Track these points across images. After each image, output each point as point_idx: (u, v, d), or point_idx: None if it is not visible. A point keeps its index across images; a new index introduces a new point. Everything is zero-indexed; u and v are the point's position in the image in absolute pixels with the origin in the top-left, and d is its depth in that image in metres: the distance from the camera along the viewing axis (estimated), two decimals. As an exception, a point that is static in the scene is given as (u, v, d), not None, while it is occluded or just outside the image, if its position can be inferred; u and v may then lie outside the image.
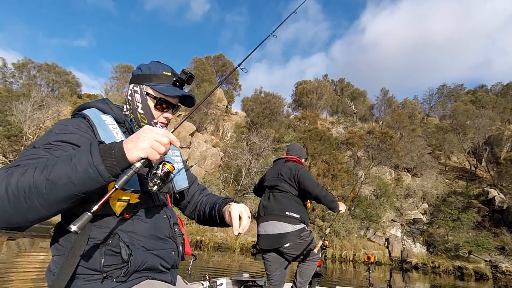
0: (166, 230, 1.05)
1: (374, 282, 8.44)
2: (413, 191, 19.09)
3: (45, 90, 23.64)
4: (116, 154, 0.74)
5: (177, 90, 1.10)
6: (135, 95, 1.10)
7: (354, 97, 33.58)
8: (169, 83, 1.09)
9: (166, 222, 1.07)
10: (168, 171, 0.87)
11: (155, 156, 0.78)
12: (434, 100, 33.52)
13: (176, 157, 1.25)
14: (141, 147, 0.76)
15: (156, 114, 1.10)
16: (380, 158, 18.63)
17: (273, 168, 3.03)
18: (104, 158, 0.73)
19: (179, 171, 1.22)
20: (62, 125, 0.93)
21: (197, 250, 12.58)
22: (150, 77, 1.09)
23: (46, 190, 0.70)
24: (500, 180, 18.55)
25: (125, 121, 1.09)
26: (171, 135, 0.82)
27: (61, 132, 0.90)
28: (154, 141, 0.78)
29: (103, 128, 0.98)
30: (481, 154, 22.42)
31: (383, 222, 16.30)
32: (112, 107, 1.09)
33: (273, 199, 2.80)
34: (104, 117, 1.03)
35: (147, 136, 0.78)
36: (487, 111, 24.83)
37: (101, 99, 1.13)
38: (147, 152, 0.76)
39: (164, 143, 0.79)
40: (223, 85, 31.47)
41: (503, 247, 14.00)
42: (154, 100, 1.08)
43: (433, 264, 13.96)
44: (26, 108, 17.96)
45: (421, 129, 24.54)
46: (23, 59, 24.33)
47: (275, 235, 2.65)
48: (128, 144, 0.77)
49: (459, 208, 15.08)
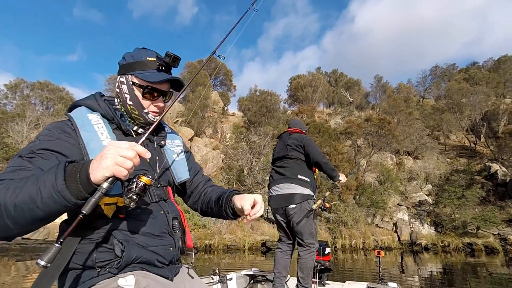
0: (163, 227, 1.01)
1: (386, 270, 8.46)
2: (415, 174, 19.17)
3: (40, 108, 23.56)
4: (81, 177, 0.72)
5: (162, 75, 1.03)
6: (122, 86, 1.05)
7: (349, 86, 33.61)
8: (153, 69, 1.03)
9: (163, 218, 1.03)
10: (144, 184, 0.81)
11: (121, 172, 0.73)
12: (428, 82, 33.65)
13: (177, 147, 1.21)
14: (104, 165, 0.72)
15: (146, 103, 1.05)
16: (380, 144, 18.68)
17: (280, 142, 3.25)
18: (69, 182, 0.71)
19: (178, 162, 1.18)
20: (47, 130, 0.95)
21: (206, 254, 12.60)
22: (134, 65, 1.03)
23: (14, 213, 0.71)
24: (501, 153, 18.64)
25: (113, 117, 1.04)
26: (138, 147, 0.77)
27: (44, 139, 0.90)
28: (118, 157, 0.73)
29: (86, 130, 0.96)
30: (479, 130, 22.52)
31: (389, 207, 16.37)
32: (101, 104, 1.05)
33: (285, 165, 3.01)
34: (91, 116, 1.01)
35: (110, 153, 0.73)
36: (481, 87, 24.93)
37: (91, 95, 1.09)
38: (111, 170, 0.72)
39: (129, 157, 0.74)
40: (217, 87, 31.45)
41: (510, 219, 14.10)
42: (141, 89, 1.03)
43: (442, 244, 14.04)
44: (22, 129, 17.91)
45: (417, 112, 24.62)
46: (15, 79, 24.21)
47: (285, 194, 2.87)
48: (94, 164, 0.73)
49: (463, 186, 15.17)
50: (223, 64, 31.54)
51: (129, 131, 1.07)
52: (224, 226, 15.05)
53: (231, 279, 3.21)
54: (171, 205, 1.09)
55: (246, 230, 15.12)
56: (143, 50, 1.05)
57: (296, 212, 2.80)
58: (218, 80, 31.70)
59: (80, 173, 0.72)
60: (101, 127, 0.99)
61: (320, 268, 3.25)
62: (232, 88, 32.89)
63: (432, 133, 23.90)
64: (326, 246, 3.48)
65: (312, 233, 2.84)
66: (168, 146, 1.17)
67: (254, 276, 3.53)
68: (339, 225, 15.06)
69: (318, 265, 3.22)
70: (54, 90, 25.20)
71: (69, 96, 26.18)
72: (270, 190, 3.04)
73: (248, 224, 2.42)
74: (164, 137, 1.19)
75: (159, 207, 1.04)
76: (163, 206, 1.05)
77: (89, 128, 0.96)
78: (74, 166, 0.74)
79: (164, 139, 1.18)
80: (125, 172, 0.74)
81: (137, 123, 1.09)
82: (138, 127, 1.10)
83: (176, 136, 1.26)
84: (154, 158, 1.09)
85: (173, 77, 1.05)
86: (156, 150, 1.12)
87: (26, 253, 10.73)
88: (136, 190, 0.81)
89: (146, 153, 0.78)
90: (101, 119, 1.02)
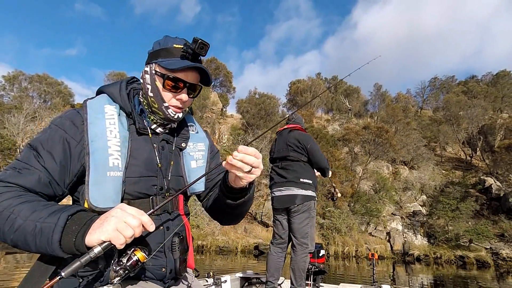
0: (157, 244, 0.89)
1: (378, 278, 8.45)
2: (411, 184, 19.22)
3: (37, 101, 23.42)
4: (77, 239, 0.69)
5: (185, 62, 0.90)
6: (145, 76, 0.95)
7: (348, 93, 33.75)
8: (178, 56, 0.91)
9: (159, 234, 0.91)
10: (137, 261, 0.74)
11: (118, 240, 0.68)
12: (427, 93, 33.89)
13: (198, 152, 1.06)
14: (105, 228, 0.68)
15: (167, 96, 0.93)
16: (377, 152, 18.74)
17: (279, 140, 3.20)
18: (65, 240, 0.70)
19: (195, 170, 1.03)
20: (60, 119, 0.90)
21: (198, 255, 12.51)
22: (159, 53, 0.92)
23: (11, 242, 0.74)
24: (496, 168, 18.75)
25: (131, 112, 0.95)
26: (144, 216, 0.72)
27: (51, 136, 0.87)
28: (121, 222, 0.68)
29: (96, 124, 0.88)
30: (476, 143, 22.66)
31: (383, 216, 16.38)
32: (122, 94, 0.96)
33: (287, 167, 3.01)
34: (108, 107, 0.93)
35: (116, 216, 0.70)
36: (479, 101, 25.13)
37: (118, 81, 1.00)
38: (109, 235, 0.67)
39: (133, 225, 0.69)
40: (216, 88, 31.45)
41: (502, 234, 14.15)
42: (161, 78, 0.91)
43: (435, 255, 14.05)
44: (18, 121, 17.77)
45: (415, 122, 24.75)
46: (14, 71, 24.09)
47: (287, 195, 2.90)
48: (95, 224, 0.70)
49: (457, 198, 15.23)
50: (223, 65, 31.60)
51: (145, 129, 0.95)
52: (218, 227, 14.98)
53: (226, 281, 3.21)
54: (176, 218, 0.97)
55: (239, 233, 15.05)
56: (172, 38, 0.95)
57: (298, 212, 2.84)
58: (217, 81, 31.71)
59: (78, 233, 0.70)
60: (113, 123, 0.90)
61: (314, 271, 3.27)
62: (231, 89, 32.92)
63: (429, 144, 24.02)
64: (321, 248, 3.49)
65: (307, 233, 2.86)
66: (188, 150, 1.04)
67: (248, 278, 3.54)
68: (333, 231, 15.04)
69: (312, 267, 3.24)
70: (53, 83, 25.09)
71: (67, 90, 26.07)
72: (272, 191, 3.06)
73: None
74: (186, 138, 1.05)
75: (159, 221, 0.92)
76: (164, 219, 0.93)
77: (100, 122, 0.89)
78: (75, 223, 0.71)
79: (186, 141, 1.05)
80: (123, 240, 0.68)
81: (157, 120, 0.97)
82: (158, 125, 0.98)
83: (203, 138, 1.12)
84: (167, 163, 0.98)
85: (195, 65, 0.90)
86: (173, 153, 1.00)
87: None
88: (127, 265, 0.73)
89: (150, 226, 0.72)
90: (117, 113, 0.93)
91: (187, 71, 0.92)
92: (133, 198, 0.90)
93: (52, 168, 0.83)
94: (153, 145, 0.96)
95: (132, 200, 0.89)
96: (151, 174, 0.93)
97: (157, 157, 0.95)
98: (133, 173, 0.90)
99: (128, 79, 1.04)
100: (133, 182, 0.89)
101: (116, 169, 0.86)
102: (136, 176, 0.90)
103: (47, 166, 0.83)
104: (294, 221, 2.86)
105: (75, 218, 0.72)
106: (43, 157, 0.83)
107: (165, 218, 0.94)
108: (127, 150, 0.90)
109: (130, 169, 0.89)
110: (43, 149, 0.84)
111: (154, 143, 0.96)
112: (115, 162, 0.87)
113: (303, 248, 2.84)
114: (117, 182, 0.86)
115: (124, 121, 0.94)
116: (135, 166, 0.90)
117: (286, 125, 3.25)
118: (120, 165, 0.87)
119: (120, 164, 0.87)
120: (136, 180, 0.90)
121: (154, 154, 0.95)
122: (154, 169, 0.94)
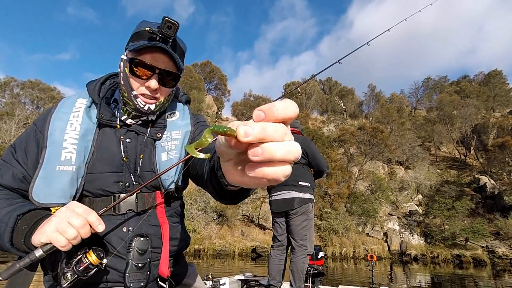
0: (113, 248, 0.79)
1: (376, 279, 8.45)
2: (407, 184, 19.33)
3: (30, 107, 23.17)
4: (26, 237, 0.68)
5: (151, 43, 0.81)
6: (120, 64, 0.87)
7: (343, 95, 33.99)
8: (145, 39, 0.81)
9: (121, 235, 0.81)
10: (89, 264, 0.67)
11: (59, 242, 0.63)
12: (420, 93, 34.30)
13: (172, 142, 0.90)
14: (44, 229, 0.64)
15: (135, 84, 0.84)
16: (372, 153, 18.83)
17: None
18: (16, 239, 0.69)
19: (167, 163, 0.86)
20: (33, 123, 0.90)
21: (195, 259, 12.40)
22: (131, 37, 0.86)
23: None
24: (490, 166, 18.95)
25: (100, 103, 0.88)
26: (92, 216, 0.67)
27: (28, 134, 0.87)
28: (64, 222, 0.64)
29: (60, 118, 0.84)
30: (469, 142, 22.91)
31: (380, 217, 16.42)
32: (96, 85, 0.91)
33: None
34: (79, 101, 0.89)
35: (59, 215, 0.65)
36: (471, 100, 25.47)
37: (97, 78, 0.96)
38: (48, 237, 0.63)
39: (75, 225, 0.64)
40: (211, 91, 31.42)
41: (497, 232, 14.27)
42: (128, 64, 0.83)
43: (432, 255, 14.11)
44: (10, 128, 17.54)
45: (410, 122, 24.98)
46: (5, 78, 23.81)
47: (286, 199, 2.92)
48: (41, 224, 0.68)
49: (453, 197, 15.34)
50: (217, 68, 31.61)
51: (110, 120, 0.87)
52: (215, 230, 14.89)
53: (225, 284, 3.23)
54: (148, 218, 0.84)
55: (236, 236, 14.96)
56: (148, 22, 0.85)
57: (296, 215, 2.88)
58: (212, 84, 31.70)
59: (27, 233, 0.69)
60: (77, 115, 0.85)
61: (313, 273, 3.27)
62: (226, 92, 32.93)
63: (424, 144, 24.23)
64: (320, 250, 3.51)
65: (306, 235, 2.90)
66: (161, 141, 0.90)
67: (247, 281, 3.55)
68: (330, 233, 15.03)
69: (311, 269, 3.24)
70: (45, 89, 24.85)
71: (60, 96, 25.83)
72: (271, 195, 3.08)
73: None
74: (163, 128, 0.92)
75: (122, 220, 0.82)
76: (129, 219, 0.82)
77: (63, 116, 0.85)
78: (25, 222, 0.70)
79: (163, 130, 0.91)
80: (64, 242, 0.63)
81: (130, 111, 0.89)
82: (128, 116, 0.89)
83: (182, 124, 0.95)
84: (136, 156, 0.86)
85: (151, 44, 0.80)
86: (144, 145, 0.88)
87: (9, 255, 10.40)
88: (76, 269, 0.67)
89: (98, 226, 0.67)
90: (87, 105, 0.88)
91: (155, 54, 0.82)
92: (94, 196, 0.83)
93: (26, 163, 0.83)
94: (119, 137, 0.87)
95: (93, 198, 0.82)
96: (114, 170, 0.84)
97: (121, 150, 0.86)
98: (94, 169, 0.83)
99: (112, 72, 1.00)
100: (93, 178, 0.82)
101: (67, 163, 0.79)
102: (96, 172, 0.83)
103: (21, 161, 0.83)
104: (293, 224, 2.90)
105: (27, 217, 0.70)
106: (18, 153, 0.84)
107: (131, 218, 0.83)
108: (90, 144, 0.84)
109: (92, 164, 0.83)
110: (20, 146, 0.85)
111: (121, 135, 0.88)
112: (67, 155, 0.80)
113: (302, 250, 2.87)
114: (66, 177, 0.79)
115: (93, 114, 0.88)
116: (97, 160, 0.83)
117: None
118: (74, 159, 0.80)
119: (74, 158, 0.80)
120: (96, 177, 0.82)
121: (118, 147, 0.86)
122: (118, 164, 0.84)
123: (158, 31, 0.79)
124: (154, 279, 0.84)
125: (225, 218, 15.56)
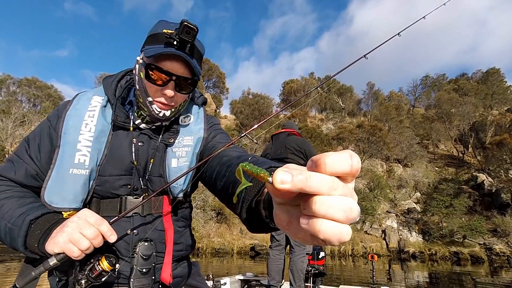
0: (125, 250, 0.80)
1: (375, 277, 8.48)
2: (405, 181, 19.37)
3: (26, 105, 23.03)
4: (40, 242, 0.68)
5: (166, 50, 0.76)
6: (136, 66, 0.84)
7: (341, 93, 33.97)
8: (162, 43, 0.77)
9: (127, 239, 0.80)
10: (101, 271, 0.68)
11: (72, 252, 0.64)
12: (419, 91, 34.30)
13: (183, 148, 0.88)
14: (57, 239, 0.65)
15: (151, 90, 0.81)
16: (371, 151, 18.85)
17: (276, 142, 3.21)
18: (30, 243, 0.70)
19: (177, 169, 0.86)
20: (47, 118, 0.88)
21: (194, 258, 12.39)
22: (147, 40, 0.81)
23: None
24: (488, 164, 19.01)
25: (115, 104, 0.86)
26: (104, 226, 0.67)
27: (42, 129, 0.86)
28: (76, 232, 0.64)
29: (76, 116, 0.82)
30: (467, 140, 22.97)
31: (378, 214, 16.47)
32: (113, 85, 0.89)
33: None
34: (95, 99, 0.86)
35: (72, 226, 0.66)
36: (469, 98, 25.51)
37: (117, 73, 0.93)
38: (62, 247, 0.64)
39: (88, 236, 0.65)
40: (210, 89, 31.34)
41: (495, 229, 14.34)
42: (143, 68, 0.80)
43: (430, 252, 14.17)
44: (6, 125, 17.44)
45: (408, 120, 25.02)
46: (2, 75, 23.64)
47: None
48: (54, 232, 0.68)
49: (451, 195, 15.39)
50: (216, 66, 31.50)
51: (124, 122, 0.84)
52: (213, 229, 14.88)
53: (225, 283, 3.24)
54: (152, 222, 0.84)
55: (235, 234, 14.95)
56: (168, 22, 0.81)
57: None
58: (211, 82, 31.60)
59: (40, 239, 0.69)
60: (92, 115, 0.83)
61: (314, 273, 3.26)
62: (224, 90, 32.84)
63: (422, 141, 24.28)
64: (320, 250, 3.49)
65: None
66: (173, 146, 0.88)
67: (248, 281, 3.57)
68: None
69: (312, 269, 3.23)
70: (42, 87, 24.69)
71: (58, 94, 25.69)
72: None
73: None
74: (176, 132, 0.90)
75: (129, 224, 0.81)
76: (135, 223, 0.82)
77: (79, 114, 0.83)
78: (39, 227, 0.70)
79: (175, 135, 0.89)
80: (77, 253, 0.64)
81: (144, 116, 0.86)
82: (142, 121, 0.86)
83: (196, 130, 0.92)
84: (147, 160, 0.85)
85: (169, 51, 0.75)
86: (156, 149, 0.87)
87: (6, 253, 10.37)
88: (90, 275, 0.67)
89: (110, 236, 0.68)
90: (103, 104, 0.86)
91: (173, 61, 0.77)
92: (102, 197, 0.83)
93: (39, 159, 0.82)
94: (131, 139, 0.85)
95: (101, 199, 0.83)
96: (123, 173, 0.83)
97: (133, 153, 0.84)
98: (104, 171, 0.82)
99: (129, 68, 0.95)
100: (103, 181, 0.82)
101: (81, 167, 0.78)
102: (105, 175, 0.82)
103: (34, 158, 0.82)
104: None
105: (40, 222, 0.70)
106: (32, 149, 0.83)
107: (137, 221, 0.82)
108: (104, 146, 0.83)
109: (103, 166, 0.82)
110: (34, 142, 0.84)
111: (133, 137, 0.86)
112: (81, 158, 0.79)
113: (301, 249, 2.86)
114: (79, 181, 0.78)
115: (108, 114, 0.86)
116: (108, 163, 0.83)
117: (282, 129, 3.30)
118: (87, 162, 0.79)
119: (87, 161, 0.79)
120: (106, 179, 0.82)
121: (130, 150, 0.84)
122: (128, 167, 0.83)
123: (175, 35, 0.75)
124: (158, 282, 0.85)
125: (224, 216, 15.55)
